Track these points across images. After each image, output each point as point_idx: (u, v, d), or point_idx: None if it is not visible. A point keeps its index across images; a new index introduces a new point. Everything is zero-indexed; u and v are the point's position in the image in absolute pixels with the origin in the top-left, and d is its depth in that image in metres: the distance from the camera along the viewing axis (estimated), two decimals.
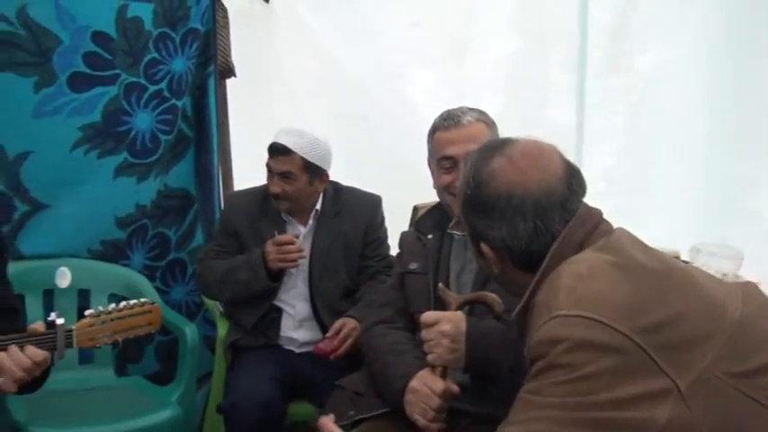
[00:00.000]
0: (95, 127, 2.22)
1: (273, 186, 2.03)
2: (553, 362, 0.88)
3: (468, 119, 1.55)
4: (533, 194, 1.02)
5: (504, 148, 1.08)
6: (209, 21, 2.48)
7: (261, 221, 2.13)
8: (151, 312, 1.53)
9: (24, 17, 2.01)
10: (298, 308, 2.13)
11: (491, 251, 1.08)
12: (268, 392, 1.88)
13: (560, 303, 0.91)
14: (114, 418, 1.93)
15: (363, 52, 2.73)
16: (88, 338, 1.44)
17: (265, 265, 2.01)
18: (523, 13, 2.58)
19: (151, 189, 2.42)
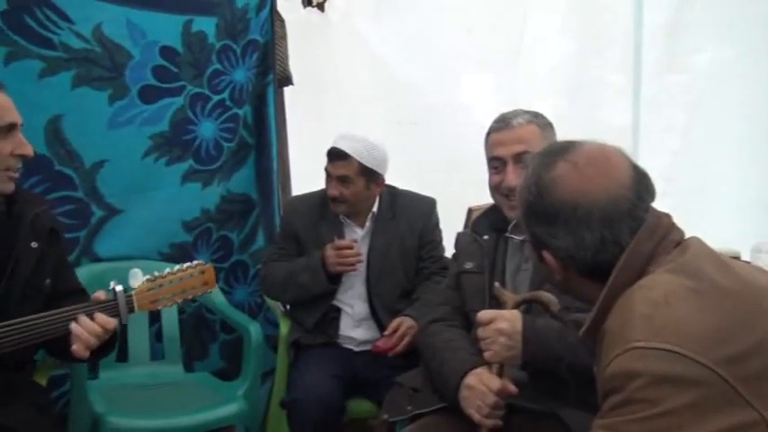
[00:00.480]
0: (164, 136, 2.33)
1: (331, 190, 2.11)
2: (631, 397, 0.83)
3: (518, 121, 1.57)
4: (600, 204, 0.96)
5: (567, 153, 1.02)
6: (268, 32, 2.58)
7: (320, 224, 2.21)
8: (205, 273, 1.61)
9: (99, 35, 2.14)
10: (356, 308, 2.19)
11: (554, 260, 1.03)
12: (328, 389, 1.94)
13: (636, 334, 0.85)
14: (184, 411, 2.03)
15: (418, 58, 2.78)
16: (149, 302, 1.53)
17: (325, 269, 2.08)
18: (577, 15, 2.58)
19: (215, 194, 2.53)
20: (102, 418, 1.85)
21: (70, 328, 1.40)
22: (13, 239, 1.46)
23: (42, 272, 1.51)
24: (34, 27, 2.00)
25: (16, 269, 1.44)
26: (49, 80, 2.05)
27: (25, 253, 1.46)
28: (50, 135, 2.08)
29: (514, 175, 1.52)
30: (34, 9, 2.00)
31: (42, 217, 1.54)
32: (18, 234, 1.46)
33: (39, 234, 1.50)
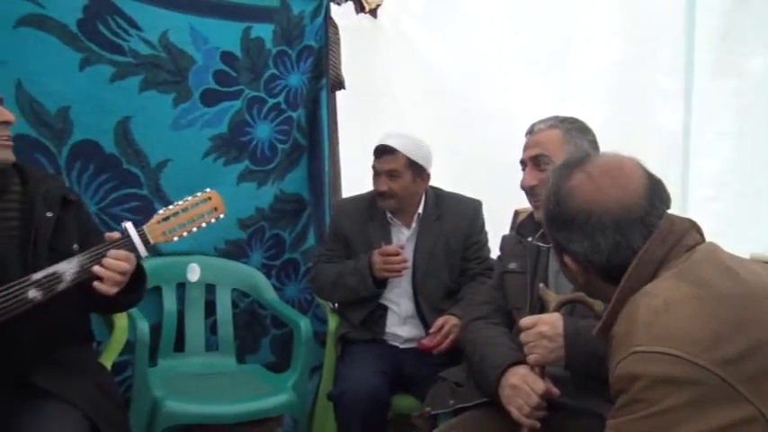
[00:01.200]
0: (223, 137, 2.45)
1: (380, 185, 2.17)
2: (633, 397, 0.89)
3: (539, 126, 1.66)
4: (612, 212, 1.03)
5: (584, 165, 1.10)
6: (321, 38, 2.67)
7: (368, 225, 2.27)
8: (211, 199, 1.66)
9: (165, 41, 2.26)
10: (402, 306, 2.24)
11: (574, 263, 1.11)
12: (374, 383, 1.98)
13: (638, 339, 0.91)
14: (237, 400, 2.12)
15: (466, 62, 2.82)
16: (161, 233, 1.59)
17: (372, 273, 2.13)
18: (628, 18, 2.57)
19: (269, 194, 2.63)
20: (161, 402, 1.95)
21: (93, 271, 1.48)
22: (31, 212, 1.57)
23: (64, 237, 1.60)
24: (106, 34, 2.13)
25: (37, 237, 1.54)
26: (119, 84, 2.18)
27: (42, 222, 1.56)
28: (120, 136, 2.21)
29: (530, 176, 1.64)
30: (107, 17, 2.13)
31: (52, 190, 1.64)
32: (34, 207, 1.57)
33: (51, 204, 1.60)
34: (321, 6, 2.63)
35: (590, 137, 1.63)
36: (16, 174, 1.63)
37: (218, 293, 2.47)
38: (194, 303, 2.41)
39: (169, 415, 1.93)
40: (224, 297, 2.47)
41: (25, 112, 2.02)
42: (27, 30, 1.98)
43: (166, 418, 1.93)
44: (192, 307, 2.41)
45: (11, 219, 1.55)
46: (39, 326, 1.51)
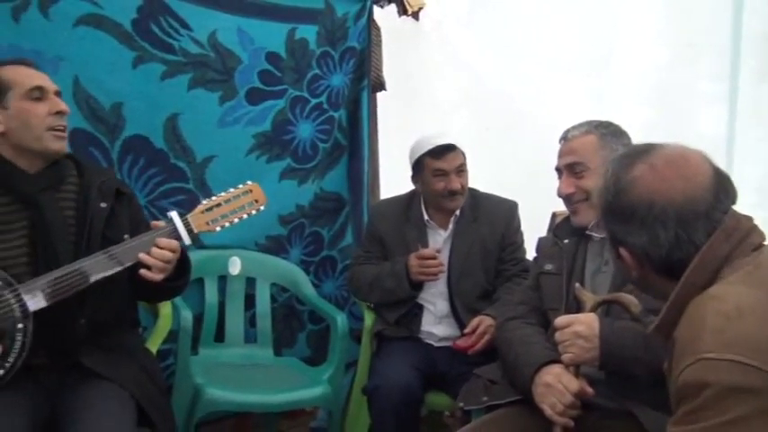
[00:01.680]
0: (266, 135, 2.51)
1: (454, 183, 2.17)
2: (702, 405, 0.87)
3: (573, 133, 1.66)
4: (676, 204, 0.99)
5: (646, 155, 1.05)
6: (364, 39, 2.72)
7: (405, 227, 2.29)
8: (252, 191, 1.72)
9: (214, 41, 2.33)
10: (438, 305, 2.26)
11: (630, 257, 1.07)
12: (409, 378, 2.01)
13: (707, 346, 0.88)
14: (274, 390, 2.17)
15: (507, 65, 2.84)
16: (204, 223, 1.66)
17: (408, 276, 2.16)
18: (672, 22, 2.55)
19: (309, 191, 2.68)
20: (202, 389, 2.01)
21: (139, 258, 1.55)
22: (86, 203, 1.64)
23: (116, 227, 1.67)
24: (158, 34, 2.21)
25: (91, 227, 1.62)
26: (169, 81, 2.25)
27: (96, 212, 1.63)
28: (168, 131, 2.29)
29: (566, 183, 1.65)
30: (159, 18, 2.21)
31: (107, 182, 1.71)
32: (89, 197, 1.65)
33: (106, 195, 1.67)
34: (364, 8, 2.68)
35: (625, 140, 1.63)
36: (73, 166, 1.71)
37: (257, 287, 2.53)
38: (235, 296, 2.48)
39: (210, 402, 1.99)
40: (263, 291, 2.54)
41: (81, 107, 2.11)
42: (85, 29, 2.07)
43: (207, 405, 1.99)
44: (233, 299, 2.48)
45: (67, 208, 1.63)
46: (89, 312, 1.58)
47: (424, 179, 2.24)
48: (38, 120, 1.57)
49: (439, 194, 2.21)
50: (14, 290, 1.47)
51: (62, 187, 1.65)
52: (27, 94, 1.57)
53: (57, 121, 1.60)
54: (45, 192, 1.60)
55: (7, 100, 1.57)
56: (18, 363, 1.47)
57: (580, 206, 1.65)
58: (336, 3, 2.60)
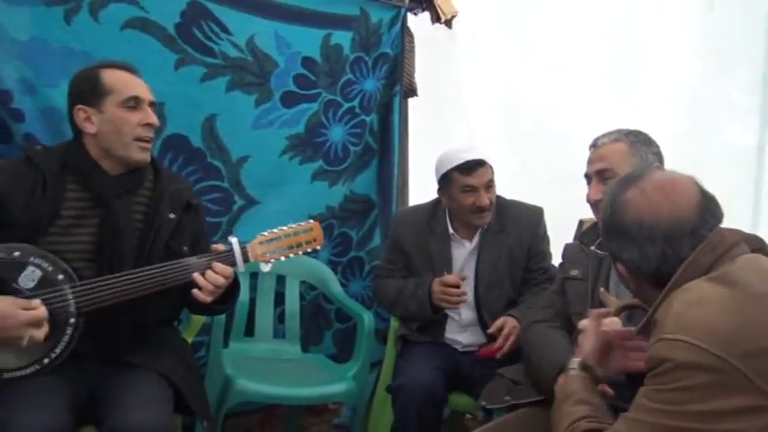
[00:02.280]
0: (299, 137, 2.58)
1: (483, 199, 2.15)
2: (659, 373, 1.03)
3: (603, 140, 1.69)
4: (662, 224, 1.11)
5: (639, 181, 1.18)
6: (398, 46, 2.78)
7: (428, 239, 2.29)
8: (313, 230, 1.78)
9: (252, 45, 2.41)
10: (463, 315, 2.26)
11: (626, 271, 1.20)
12: (433, 378, 2.04)
13: (668, 328, 1.03)
14: (301, 384, 2.24)
15: (539, 73, 2.86)
16: (261, 254, 1.72)
17: (430, 300, 2.18)
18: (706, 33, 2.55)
19: (339, 193, 2.74)
20: (233, 380, 2.08)
21: (193, 278, 1.62)
22: (156, 211, 1.71)
23: (179, 239, 1.73)
24: (200, 37, 2.30)
25: (157, 236, 1.69)
26: (208, 83, 2.33)
27: (164, 222, 1.70)
28: (206, 131, 2.37)
29: (594, 190, 1.68)
30: (201, 22, 2.30)
31: (180, 192, 1.78)
32: (159, 206, 1.71)
33: (176, 206, 1.74)
34: (398, 16, 2.74)
35: (654, 149, 1.65)
36: (152, 171, 1.78)
37: (287, 285, 2.60)
38: (265, 292, 2.55)
39: (240, 392, 2.06)
40: (293, 288, 2.60)
41: None
42: (132, 32, 2.17)
43: (237, 395, 2.06)
44: (263, 296, 2.55)
45: (138, 212, 1.70)
46: (136, 316, 1.66)
47: (451, 194, 2.22)
48: (129, 128, 1.65)
49: (467, 210, 2.19)
50: (74, 286, 1.55)
51: (137, 191, 1.72)
52: (124, 102, 1.65)
53: (145, 133, 1.67)
54: (120, 196, 1.67)
55: (104, 104, 1.65)
56: (64, 354, 1.55)
57: None
58: (371, 10, 2.67)
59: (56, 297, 1.54)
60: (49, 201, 1.60)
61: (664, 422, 1.01)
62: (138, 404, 1.53)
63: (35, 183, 1.61)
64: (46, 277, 1.54)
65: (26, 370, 1.52)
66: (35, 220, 1.58)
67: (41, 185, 1.61)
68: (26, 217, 1.57)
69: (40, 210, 1.59)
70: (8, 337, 1.46)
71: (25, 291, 1.52)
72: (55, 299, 1.53)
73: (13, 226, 1.57)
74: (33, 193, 1.59)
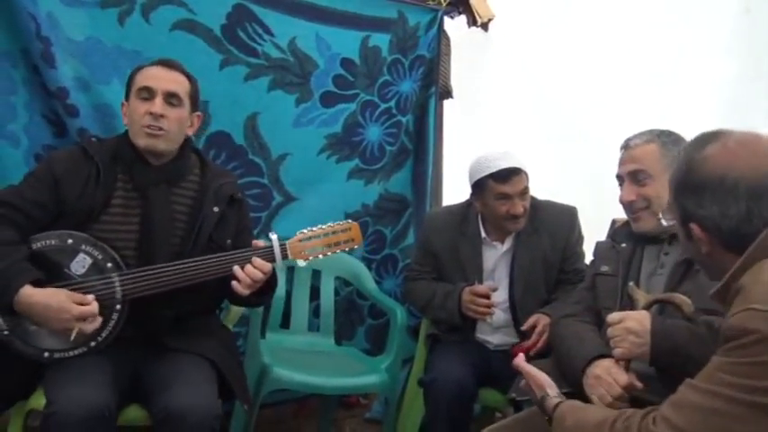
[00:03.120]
0: (337, 137, 2.65)
1: (517, 208, 2.15)
2: (739, 345, 0.96)
3: (635, 142, 1.69)
4: (747, 178, 1.03)
5: (718, 137, 1.10)
6: (434, 48, 2.83)
7: (459, 242, 2.29)
8: (351, 230, 1.81)
9: (294, 46, 2.50)
10: (496, 316, 2.24)
11: (700, 231, 1.10)
12: (464, 373, 2.06)
13: (756, 297, 0.95)
14: (335, 374, 2.30)
15: (574, 77, 2.89)
16: (300, 251, 1.76)
17: (459, 309, 2.19)
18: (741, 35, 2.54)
19: (375, 192, 2.80)
20: (269, 368, 2.15)
21: (233, 270, 1.68)
22: (201, 204, 1.78)
23: (223, 232, 1.80)
24: (244, 39, 2.39)
25: (201, 229, 1.76)
26: (251, 83, 2.42)
27: (208, 216, 1.77)
28: (248, 129, 2.45)
29: (627, 191, 1.68)
30: (245, 24, 2.39)
31: (225, 187, 1.83)
32: (204, 199, 1.78)
33: (220, 200, 1.80)
34: (435, 19, 2.80)
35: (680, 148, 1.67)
36: (198, 165, 1.86)
37: (322, 279, 2.66)
38: (301, 286, 2.62)
39: (276, 380, 2.13)
40: (328, 283, 2.67)
41: None
42: (180, 33, 2.27)
43: (273, 383, 2.12)
44: (299, 289, 2.61)
45: (181, 205, 1.78)
46: (178, 305, 1.74)
47: (485, 200, 2.20)
48: (137, 117, 1.73)
49: (501, 217, 2.18)
50: (121, 274, 1.64)
51: (182, 184, 1.79)
52: (138, 92, 1.74)
53: (150, 122, 1.72)
54: (158, 186, 1.74)
55: (130, 96, 1.76)
56: (109, 338, 1.64)
57: (642, 214, 1.68)
58: (409, 13, 2.73)
59: (104, 284, 1.63)
60: (101, 190, 1.69)
61: (740, 396, 0.94)
62: (187, 386, 1.60)
63: (89, 173, 1.70)
64: (95, 264, 1.64)
65: (73, 351, 1.62)
66: (88, 208, 1.67)
67: (95, 176, 1.70)
68: (79, 205, 1.67)
69: (92, 199, 1.68)
70: (61, 329, 1.56)
71: (76, 276, 1.62)
72: (103, 286, 1.63)
73: (67, 214, 1.67)
74: (87, 183, 1.69)
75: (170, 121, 1.73)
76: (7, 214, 1.62)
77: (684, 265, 1.59)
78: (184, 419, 1.52)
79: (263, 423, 2.62)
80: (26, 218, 1.63)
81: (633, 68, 2.75)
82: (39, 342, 1.60)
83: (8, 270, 1.53)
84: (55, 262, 1.62)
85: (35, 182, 1.68)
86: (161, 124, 1.72)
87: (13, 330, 1.59)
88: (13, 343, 1.59)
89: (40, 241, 1.63)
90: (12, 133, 2.01)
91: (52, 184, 1.67)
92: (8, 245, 1.57)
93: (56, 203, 1.67)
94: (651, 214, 1.65)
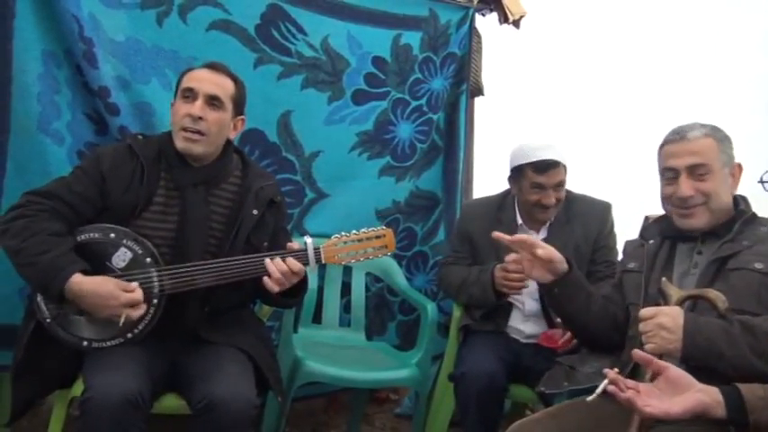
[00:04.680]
0: (368, 134, 2.68)
1: (549, 198, 2.21)
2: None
3: (694, 134, 1.61)
4: None
5: None
6: (465, 46, 2.84)
7: (495, 229, 2.26)
8: (385, 236, 1.82)
9: (326, 45, 2.53)
10: (527, 304, 2.30)
11: None
12: (494, 368, 2.07)
13: None
14: (367, 368, 2.33)
15: (605, 74, 2.88)
16: (333, 256, 1.79)
17: (493, 287, 2.22)
18: None
19: (405, 189, 2.82)
20: (302, 361, 2.18)
21: (265, 265, 1.71)
22: (240, 206, 1.82)
23: (261, 234, 1.83)
24: (278, 38, 2.43)
25: (239, 231, 1.80)
26: (284, 81, 2.46)
27: (247, 218, 1.81)
28: (281, 127, 2.50)
29: (685, 186, 1.59)
30: (279, 23, 2.43)
31: (265, 189, 1.87)
32: (244, 202, 1.82)
33: (260, 203, 1.84)
34: (467, 16, 2.81)
35: (732, 146, 1.64)
36: (240, 165, 1.89)
37: (353, 275, 2.69)
38: (333, 282, 2.66)
39: (309, 373, 2.16)
40: (359, 279, 2.70)
41: None
42: (216, 33, 2.32)
43: (306, 376, 2.16)
44: (331, 285, 2.65)
45: (220, 206, 1.83)
46: (215, 302, 1.79)
47: (520, 186, 2.28)
48: (177, 118, 1.78)
49: (531, 205, 2.25)
50: (159, 270, 1.70)
51: (222, 185, 1.84)
52: (181, 93, 1.80)
53: (189, 124, 1.75)
54: (196, 187, 1.78)
55: (176, 97, 1.81)
56: (145, 330, 1.69)
57: (697, 210, 1.61)
58: (440, 11, 2.75)
59: (143, 278, 1.68)
60: (144, 188, 1.74)
61: None
62: (226, 376, 1.64)
63: (134, 170, 1.76)
64: (135, 259, 1.69)
65: (111, 341, 1.67)
66: (131, 204, 1.73)
67: (139, 173, 1.76)
68: (123, 201, 1.73)
69: (136, 195, 1.74)
70: (109, 315, 1.62)
71: (116, 269, 1.68)
72: (143, 279, 1.68)
73: (111, 208, 1.73)
74: (132, 180, 1.75)
75: (209, 123, 1.77)
76: (57, 207, 1.68)
77: (717, 264, 1.57)
78: (225, 408, 1.57)
79: (295, 416, 2.68)
80: (73, 211, 1.70)
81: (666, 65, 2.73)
82: (79, 331, 1.66)
83: (59, 259, 1.59)
84: (97, 254, 1.68)
85: (83, 176, 1.74)
86: (200, 127, 1.76)
87: (55, 318, 1.66)
88: (55, 330, 1.66)
89: (84, 234, 1.70)
90: (56, 131, 2.08)
91: (99, 179, 1.73)
92: (58, 236, 1.64)
93: (101, 198, 1.73)
94: (707, 211, 1.60)
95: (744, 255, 1.55)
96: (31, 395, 1.73)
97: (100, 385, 1.52)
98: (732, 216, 1.63)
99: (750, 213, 1.64)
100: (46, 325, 1.66)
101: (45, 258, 1.58)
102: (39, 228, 1.62)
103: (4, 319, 2.03)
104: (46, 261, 1.58)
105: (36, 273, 1.60)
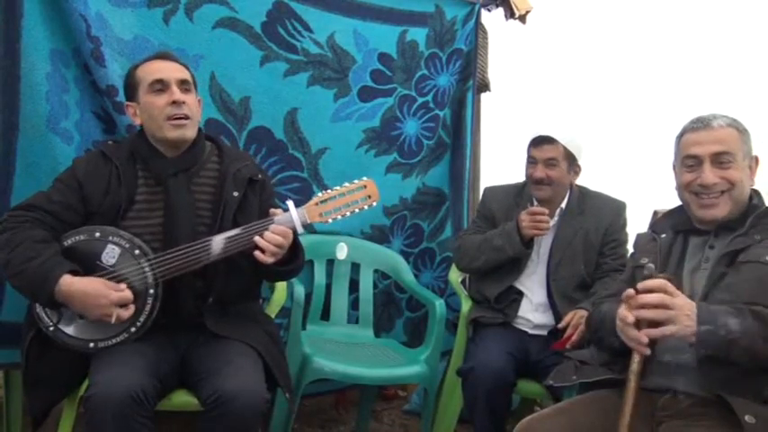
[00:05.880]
0: (375, 131, 2.68)
1: (538, 173, 2.28)
2: None
3: (718, 123, 1.60)
4: None
5: None
6: (471, 42, 2.84)
7: (514, 210, 2.39)
8: (367, 187, 1.79)
9: (332, 42, 2.54)
10: (536, 293, 2.32)
11: None
12: (502, 362, 2.08)
13: None
14: (375, 365, 2.33)
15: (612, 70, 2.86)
16: (318, 214, 1.78)
17: (519, 232, 2.25)
18: None
19: (412, 186, 2.83)
20: (310, 358, 2.19)
21: (254, 240, 1.70)
22: (221, 190, 1.82)
23: (247, 214, 1.82)
24: (284, 35, 2.44)
25: (224, 214, 1.80)
26: (291, 79, 2.47)
27: (230, 200, 1.81)
28: (288, 124, 2.50)
29: (708, 174, 1.57)
30: (285, 21, 2.43)
31: (242, 171, 1.86)
32: (224, 185, 1.82)
33: (239, 184, 1.83)
34: (473, 12, 2.81)
35: (750, 139, 1.63)
36: (215, 151, 1.91)
37: (361, 272, 2.69)
38: (340, 279, 2.66)
39: (317, 370, 2.17)
40: (367, 276, 2.70)
41: (215, 99, 2.36)
42: (222, 30, 2.32)
43: (314, 372, 2.17)
44: (339, 282, 2.66)
45: (203, 193, 1.84)
46: (218, 290, 1.79)
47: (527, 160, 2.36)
48: (158, 111, 1.78)
49: (528, 180, 2.33)
50: (149, 259, 1.70)
51: (201, 173, 1.85)
52: (149, 87, 1.79)
53: (174, 111, 1.76)
54: (176, 176, 1.79)
55: (138, 95, 1.81)
56: (148, 322, 1.69)
57: (720, 199, 1.58)
58: (446, 6, 2.74)
59: (136, 270, 1.69)
60: (124, 187, 1.76)
61: None
62: (237, 370, 1.65)
63: (110, 173, 1.78)
64: (124, 253, 1.69)
65: (116, 338, 1.68)
66: (114, 205, 1.75)
67: (116, 174, 1.77)
68: (106, 204, 1.75)
69: (117, 196, 1.75)
70: (100, 314, 1.62)
71: (108, 267, 1.68)
72: (135, 272, 1.69)
73: (96, 213, 1.75)
74: (110, 183, 1.76)
75: (190, 105, 1.81)
76: (38, 217, 1.70)
77: (728, 257, 1.56)
78: (236, 402, 1.57)
79: (304, 413, 2.69)
80: (56, 219, 1.71)
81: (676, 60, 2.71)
82: (83, 334, 1.67)
83: (46, 263, 1.60)
84: (87, 255, 1.69)
85: (61, 186, 1.77)
86: (185, 111, 1.78)
87: (57, 324, 1.67)
88: (60, 337, 1.67)
89: (70, 238, 1.71)
90: (65, 130, 2.09)
91: (76, 186, 1.75)
92: (43, 242, 1.65)
93: (83, 204, 1.74)
94: (730, 200, 1.58)
95: (755, 248, 1.54)
96: (48, 403, 1.73)
97: (103, 381, 1.53)
98: (745, 210, 1.62)
99: (763, 208, 1.63)
100: (50, 334, 1.66)
101: (32, 265, 1.60)
102: (23, 237, 1.64)
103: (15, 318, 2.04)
104: (34, 267, 1.59)
105: (25, 280, 1.61)
